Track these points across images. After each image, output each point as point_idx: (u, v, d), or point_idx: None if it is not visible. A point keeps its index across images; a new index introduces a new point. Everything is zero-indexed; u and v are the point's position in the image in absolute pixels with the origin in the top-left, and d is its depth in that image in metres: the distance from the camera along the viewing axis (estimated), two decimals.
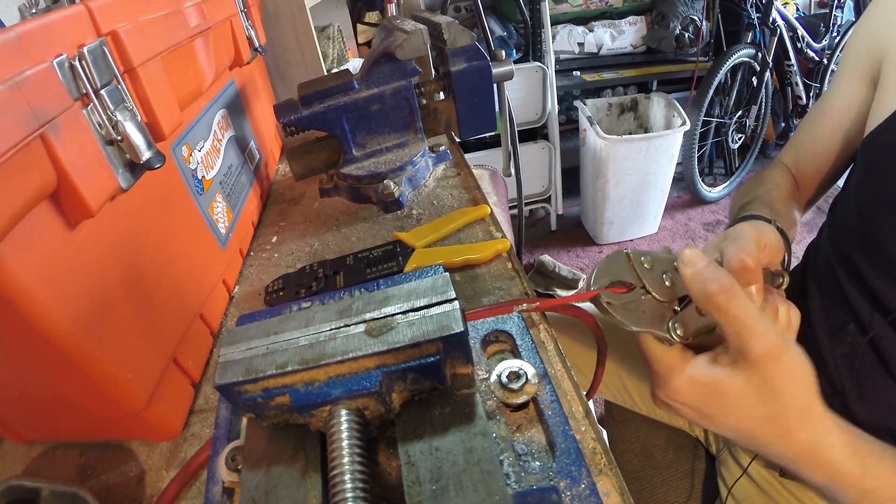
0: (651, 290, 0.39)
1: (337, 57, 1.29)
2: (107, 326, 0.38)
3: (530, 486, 0.33)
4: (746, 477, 0.69)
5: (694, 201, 2.50)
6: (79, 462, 0.46)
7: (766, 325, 0.36)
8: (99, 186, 0.36)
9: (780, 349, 0.36)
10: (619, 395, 0.85)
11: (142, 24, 0.44)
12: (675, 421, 0.82)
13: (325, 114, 0.70)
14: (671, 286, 0.40)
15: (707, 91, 2.13)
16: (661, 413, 0.82)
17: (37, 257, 0.33)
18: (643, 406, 0.83)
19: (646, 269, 0.40)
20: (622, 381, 0.83)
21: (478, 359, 0.42)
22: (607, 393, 0.86)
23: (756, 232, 0.48)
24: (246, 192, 0.73)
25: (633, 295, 0.39)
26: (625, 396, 0.84)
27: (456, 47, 0.71)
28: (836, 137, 0.66)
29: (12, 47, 0.30)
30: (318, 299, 0.34)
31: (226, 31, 0.69)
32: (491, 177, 1.05)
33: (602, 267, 0.40)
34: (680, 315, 0.40)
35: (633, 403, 0.84)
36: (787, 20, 2.23)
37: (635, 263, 0.40)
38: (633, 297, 0.39)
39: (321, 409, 0.31)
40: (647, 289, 0.39)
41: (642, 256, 0.40)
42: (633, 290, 0.39)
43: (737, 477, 0.70)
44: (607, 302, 0.38)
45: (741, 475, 0.69)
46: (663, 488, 0.79)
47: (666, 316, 0.40)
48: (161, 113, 0.45)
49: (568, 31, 2.40)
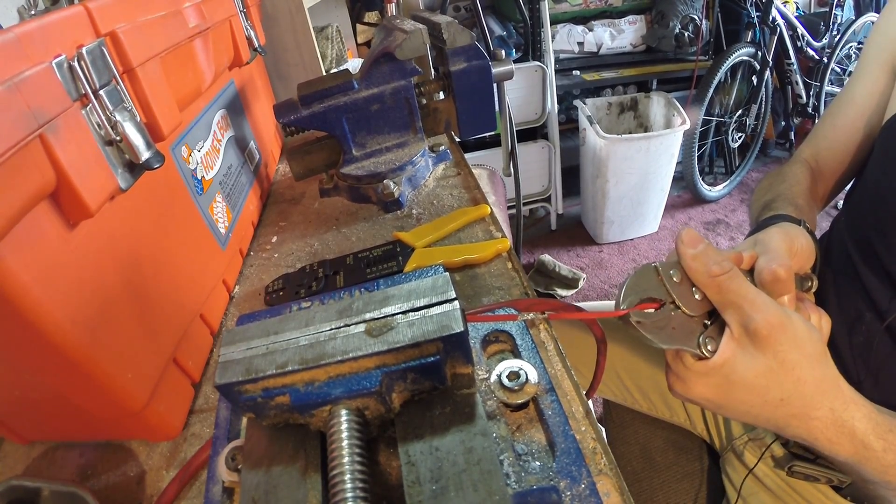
0: (681, 305, 0.39)
1: (335, 57, 1.29)
2: (106, 326, 0.38)
3: (530, 485, 0.33)
4: (752, 476, 0.69)
5: (694, 200, 2.50)
6: (79, 462, 0.46)
7: (767, 299, 0.37)
8: (98, 187, 0.36)
9: (783, 318, 0.36)
10: (619, 392, 0.85)
11: (141, 24, 0.44)
12: (676, 418, 0.82)
13: (325, 114, 0.70)
14: (701, 300, 0.39)
15: (707, 90, 2.13)
16: (662, 410, 0.82)
17: (36, 257, 0.33)
18: (643, 403, 0.83)
19: (675, 282, 0.39)
20: (620, 379, 0.83)
21: (478, 359, 0.42)
22: (606, 391, 0.86)
23: (787, 239, 0.48)
24: (246, 192, 0.73)
25: (663, 311, 0.38)
26: (624, 394, 0.84)
27: (455, 47, 0.71)
28: (858, 126, 0.66)
29: (11, 48, 0.30)
30: (318, 299, 0.34)
31: (225, 31, 0.69)
32: (489, 176, 1.05)
33: (631, 283, 0.39)
34: (710, 329, 0.40)
35: (634, 401, 0.84)
36: (787, 19, 2.23)
37: (664, 278, 0.39)
38: (663, 314, 0.38)
39: (321, 409, 0.31)
40: (676, 304, 0.39)
41: (671, 270, 0.39)
42: (663, 307, 0.38)
43: (743, 476, 0.70)
44: (637, 321, 0.38)
45: (747, 475, 0.69)
46: (663, 490, 0.79)
47: (696, 330, 0.39)
48: (160, 113, 0.45)
49: (567, 31, 2.40)
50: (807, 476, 0.62)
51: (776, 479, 0.67)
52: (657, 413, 0.83)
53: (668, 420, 0.83)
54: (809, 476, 0.62)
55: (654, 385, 0.81)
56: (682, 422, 0.82)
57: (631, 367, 0.83)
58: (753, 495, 0.69)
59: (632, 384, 0.83)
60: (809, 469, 0.62)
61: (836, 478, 0.61)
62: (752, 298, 0.36)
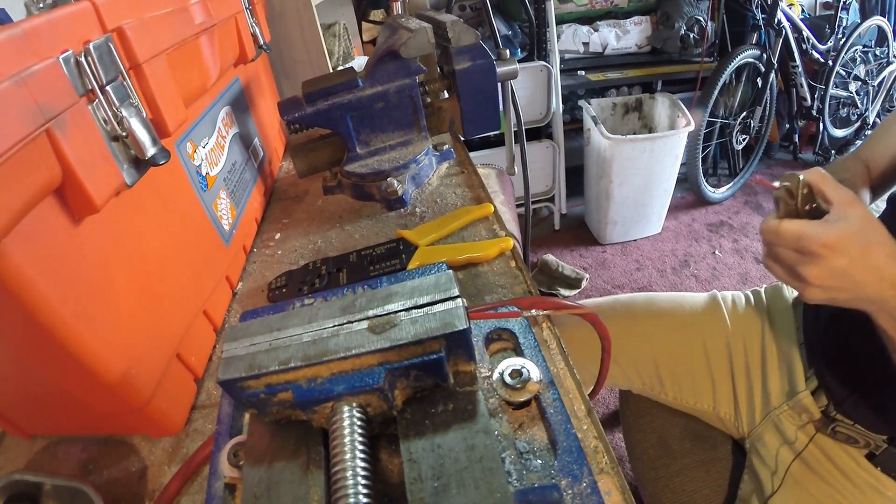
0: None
1: (343, 54, 1.29)
2: (110, 321, 0.38)
3: (532, 483, 0.33)
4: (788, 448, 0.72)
5: (698, 202, 2.49)
6: (81, 457, 0.46)
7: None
8: (104, 182, 0.36)
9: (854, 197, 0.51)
10: (649, 381, 0.87)
11: (147, 20, 0.44)
12: (700, 405, 0.84)
13: (329, 111, 0.70)
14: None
15: (712, 92, 2.12)
16: (687, 397, 0.85)
17: (41, 252, 0.33)
18: (671, 391, 0.85)
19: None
20: (657, 369, 0.85)
21: (480, 356, 0.42)
22: (636, 381, 0.88)
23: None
24: (250, 189, 0.73)
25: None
26: (654, 382, 0.86)
27: (460, 46, 0.70)
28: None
29: (19, 43, 0.30)
30: (321, 296, 0.34)
31: (231, 28, 0.69)
32: (498, 175, 1.05)
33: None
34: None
35: (662, 389, 0.86)
36: (793, 21, 2.22)
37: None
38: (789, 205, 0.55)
39: (324, 406, 0.31)
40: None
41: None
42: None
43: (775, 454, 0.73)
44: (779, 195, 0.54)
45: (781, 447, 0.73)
46: (679, 477, 0.81)
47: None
48: (166, 109, 0.45)
49: (573, 31, 2.40)
50: (848, 437, 0.66)
51: (812, 449, 0.69)
52: (682, 401, 0.85)
53: (692, 408, 0.85)
54: (850, 437, 0.66)
55: (688, 371, 0.84)
56: (706, 408, 0.84)
57: (669, 353, 0.85)
58: (784, 468, 0.71)
59: (665, 371, 0.85)
60: (851, 430, 0.65)
61: (874, 441, 0.64)
62: (835, 185, 0.51)
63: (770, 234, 0.53)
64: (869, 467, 0.65)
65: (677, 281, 2.06)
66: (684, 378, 0.84)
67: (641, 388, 0.88)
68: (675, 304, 0.88)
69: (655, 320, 0.87)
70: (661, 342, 0.86)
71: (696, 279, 2.07)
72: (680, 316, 0.86)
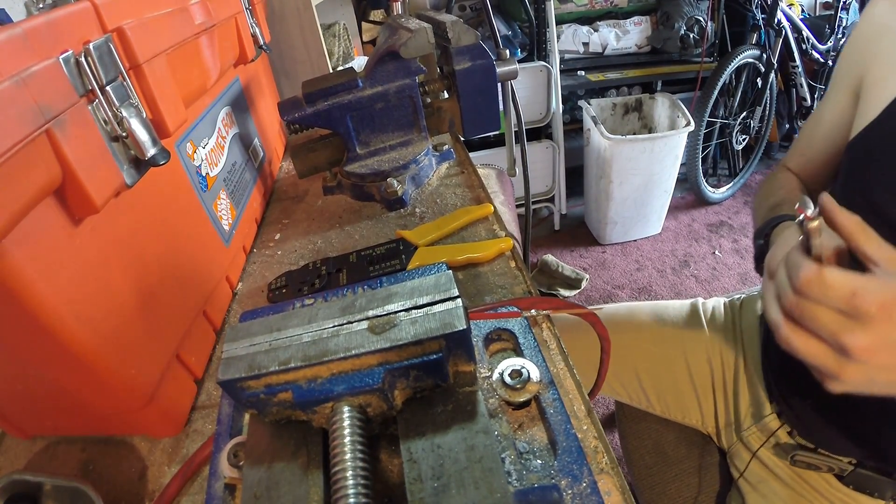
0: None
1: (343, 55, 1.29)
2: (110, 322, 0.38)
3: (532, 484, 0.33)
4: (758, 462, 0.72)
5: (697, 202, 2.49)
6: (81, 457, 0.46)
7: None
8: (104, 182, 0.36)
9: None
10: (635, 395, 0.86)
11: (147, 20, 0.44)
12: (688, 419, 0.84)
13: (329, 112, 0.70)
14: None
15: (711, 92, 2.12)
16: (675, 412, 0.84)
17: (41, 253, 0.33)
18: (658, 405, 0.85)
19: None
20: (640, 380, 0.85)
21: (480, 357, 0.42)
22: (623, 394, 0.87)
23: None
24: (249, 190, 0.73)
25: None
26: (640, 396, 0.86)
27: (460, 46, 0.70)
28: (827, 145, 0.72)
29: (19, 43, 0.30)
30: (321, 296, 0.34)
31: (230, 28, 0.69)
32: (498, 176, 1.05)
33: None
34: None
35: (649, 404, 0.86)
36: (793, 21, 2.22)
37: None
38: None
39: (323, 406, 0.31)
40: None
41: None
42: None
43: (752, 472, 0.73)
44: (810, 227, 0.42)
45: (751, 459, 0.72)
46: (676, 482, 0.82)
47: None
48: (166, 110, 0.45)
49: (573, 31, 2.40)
50: (809, 465, 0.66)
51: (783, 467, 0.69)
52: (670, 415, 0.85)
53: (682, 421, 0.85)
54: (811, 465, 0.65)
55: (672, 386, 0.83)
56: (695, 423, 0.84)
57: (651, 369, 0.84)
58: (763, 482, 0.72)
59: (650, 386, 0.84)
60: (811, 458, 0.65)
61: (838, 466, 0.64)
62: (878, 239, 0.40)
63: (814, 285, 0.38)
64: (841, 487, 0.65)
65: (677, 281, 2.06)
66: (669, 393, 0.84)
67: (629, 401, 0.88)
68: (655, 315, 0.87)
69: (636, 333, 0.86)
70: (643, 357, 0.85)
71: (696, 279, 2.07)
72: (660, 330, 0.86)
